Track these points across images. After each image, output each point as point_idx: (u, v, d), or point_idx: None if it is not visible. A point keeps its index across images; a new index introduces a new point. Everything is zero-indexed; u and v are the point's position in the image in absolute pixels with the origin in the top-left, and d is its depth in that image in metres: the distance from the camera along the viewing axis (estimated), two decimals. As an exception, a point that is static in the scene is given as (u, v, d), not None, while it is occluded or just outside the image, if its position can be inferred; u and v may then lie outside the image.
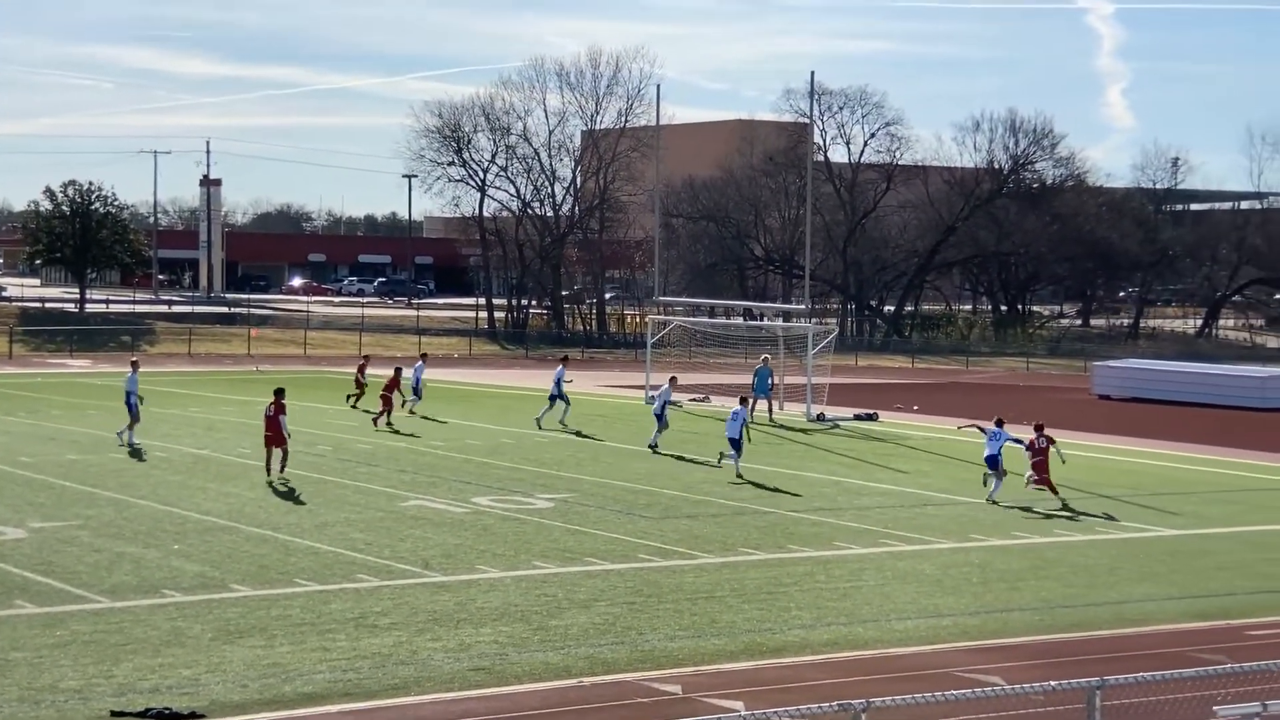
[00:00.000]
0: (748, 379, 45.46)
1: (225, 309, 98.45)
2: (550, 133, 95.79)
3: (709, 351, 58.41)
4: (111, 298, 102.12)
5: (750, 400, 36.78)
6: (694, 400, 49.85)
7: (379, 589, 19.94)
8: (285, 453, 29.98)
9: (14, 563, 20.80)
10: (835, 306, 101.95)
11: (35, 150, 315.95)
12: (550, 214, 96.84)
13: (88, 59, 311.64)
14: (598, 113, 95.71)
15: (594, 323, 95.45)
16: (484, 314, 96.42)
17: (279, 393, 30.39)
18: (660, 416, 36.88)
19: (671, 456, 35.25)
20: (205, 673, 15.63)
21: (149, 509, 25.76)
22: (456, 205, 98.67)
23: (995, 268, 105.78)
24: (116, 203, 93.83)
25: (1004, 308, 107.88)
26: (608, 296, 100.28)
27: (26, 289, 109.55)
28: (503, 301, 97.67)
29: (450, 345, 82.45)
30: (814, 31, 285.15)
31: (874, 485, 31.70)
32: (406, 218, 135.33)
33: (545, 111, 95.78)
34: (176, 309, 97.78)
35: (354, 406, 43.78)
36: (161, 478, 29.66)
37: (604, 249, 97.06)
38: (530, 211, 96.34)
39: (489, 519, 25.73)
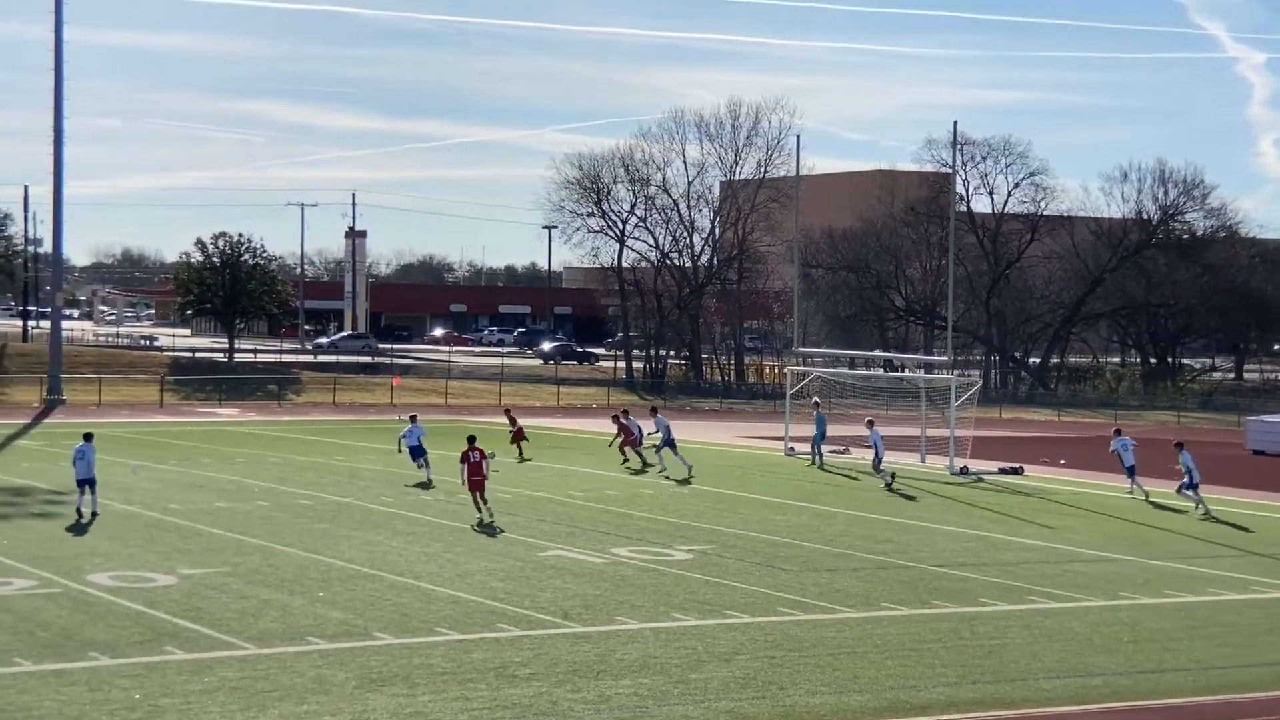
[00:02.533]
0: (889, 430, 45.10)
1: (369, 359, 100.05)
2: (689, 183, 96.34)
3: (849, 403, 57.83)
4: (259, 347, 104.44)
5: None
6: (834, 452, 49.39)
7: (519, 639, 19.95)
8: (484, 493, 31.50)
9: (164, 609, 21.19)
10: (979, 358, 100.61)
11: (187, 203, 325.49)
12: (689, 264, 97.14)
13: (239, 114, 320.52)
14: (737, 163, 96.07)
15: (732, 373, 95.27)
16: (622, 364, 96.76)
17: (473, 439, 32.27)
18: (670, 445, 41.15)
19: (811, 508, 34.93)
20: (348, 720, 15.74)
21: (294, 556, 26.12)
22: (595, 256, 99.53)
23: (1144, 320, 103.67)
24: (265, 254, 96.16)
25: (1153, 360, 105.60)
26: (746, 347, 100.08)
27: (178, 339, 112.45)
28: (641, 352, 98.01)
29: (588, 395, 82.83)
30: (955, 81, 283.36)
31: (1019, 540, 31.05)
32: (546, 268, 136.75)
33: (684, 162, 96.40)
34: (322, 358, 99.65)
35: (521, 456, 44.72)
36: (306, 525, 30.08)
37: (742, 299, 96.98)
38: (669, 262, 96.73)
39: (628, 570, 25.67)
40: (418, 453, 38.93)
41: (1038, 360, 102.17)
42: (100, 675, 17.29)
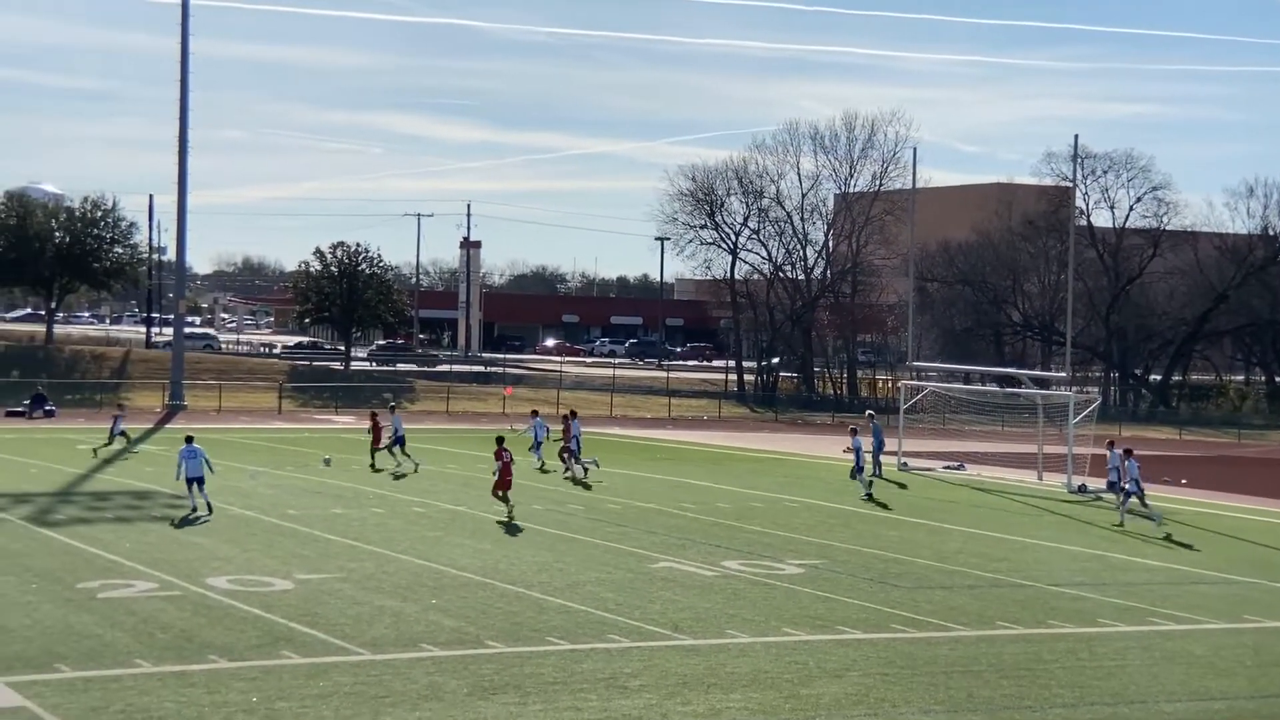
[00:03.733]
0: (1005, 447, 44.61)
1: (482, 368, 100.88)
2: (803, 196, 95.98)
3: (963, 419, 57.23)
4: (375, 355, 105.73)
5: None
6: (948, 468, 48.89)
7: (629, 650, 19.92)
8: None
9: (281, 613, 21.47)
10: (1098, 375, 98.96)
11: (306, 213, 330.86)
12: (801, 277, 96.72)
13: (357, 125, 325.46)
14: (851, 176, 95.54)
15: (844, 387, 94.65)
16: (733, 376, 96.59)
17: (501, 440, 34.32)
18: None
19: (925, 524, 34.57)
20: (460, 728, 15.81)
21: (408, 563, 26.35)
22: (708, 268, 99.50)
23: (1269, 337, 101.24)
24: (381, 264, 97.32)
25: (1278, 379, 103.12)
26: (860, 360, 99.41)
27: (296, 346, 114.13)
28: (752, 364, 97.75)
29: (699, 407, 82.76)
30: (1075, 94, 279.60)
31: (1140, 561, 30.45)
32: (658, 280, 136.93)
33: (799, 175, 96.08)
34: (436, 368, 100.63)
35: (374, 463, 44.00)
36: (420, 533, 30.34)
37: (856, 312, 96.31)
38: (781, 274, 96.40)
39: (739, 583, 25.55)
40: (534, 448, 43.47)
41: (1159, 378, 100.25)
42: (218, 677, 17.54)
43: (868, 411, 49.49)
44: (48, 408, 63.04)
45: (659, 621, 21.89)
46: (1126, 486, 36.03)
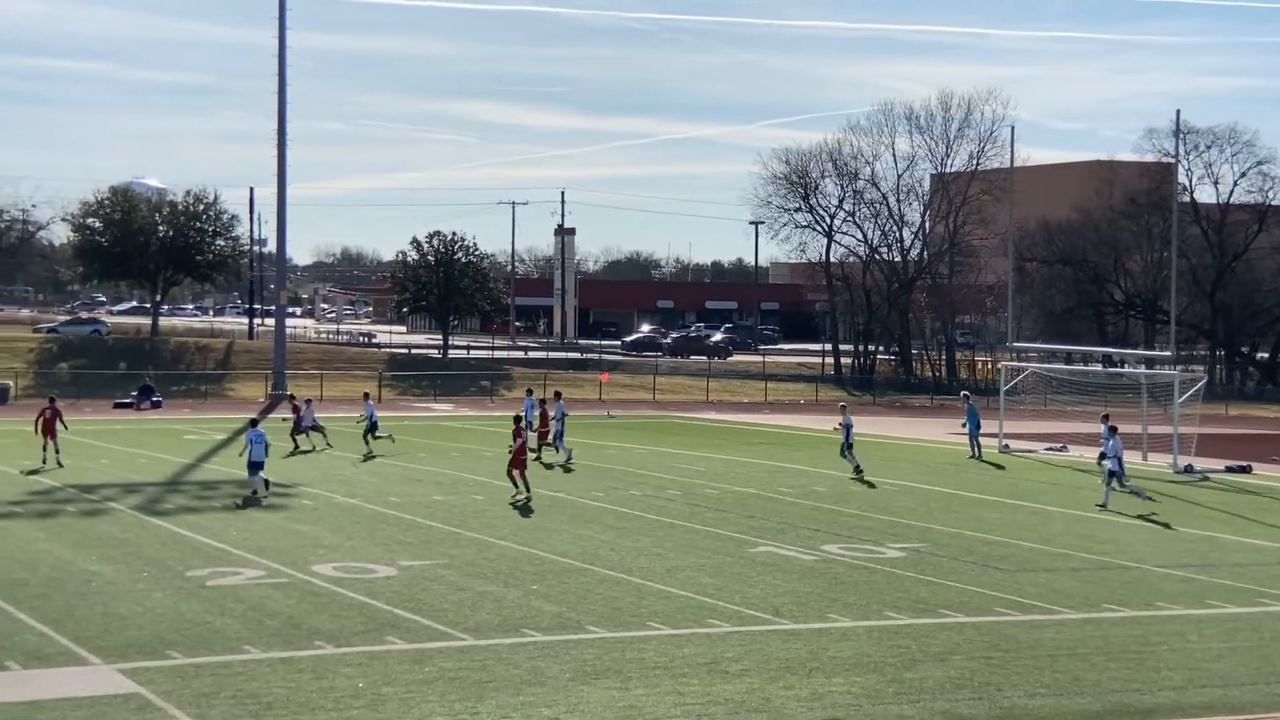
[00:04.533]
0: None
1: (578, 354, 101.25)
2: (899, 177, 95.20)
3: (1065, 399, 56.54)
4: (472, 344, 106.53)
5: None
6: (1050, 449, 48.34)
7: (730, 634, 19.92)
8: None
9: (385, 599, 21.71)
10: (1203, 353, 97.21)
11: (403, 203, 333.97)
12: (898, 259, 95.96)
13: (452, 115, 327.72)
14: (948, 156, 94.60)
15: (943, 369, 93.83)
16: (830, 360, 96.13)
17: (518, 420, 35.27)
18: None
19: (1027, 506, 34.21)
20: (564, 713, 15.89)
21: (509, 549, 26.53)
22: (803, 251, 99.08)
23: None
24: (477, 252, 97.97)
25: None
26: (958, 342, 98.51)
27: (394, 335, 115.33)
28: (849, 347, 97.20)
29: (796, 391, 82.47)
30: (1176, 68, 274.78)
31: (1249, 541, 29.90)
32: (753, 264, 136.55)
33: (894, 156, 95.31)
34: (532, 355, 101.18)
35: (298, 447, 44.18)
36: (519, 519, 30.54)
37: (954, 294, 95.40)
38: (878, 256, 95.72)
39: (839, 567, 25.44)
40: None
41: (1266, 355, 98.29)
42: (325, 663, 17.78)
43: (963, 393, 49.16)
44: (155, 399, 64.24)
45: (759, 606, 21.86)
46: (1107, 464, 34.92)
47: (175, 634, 19.17)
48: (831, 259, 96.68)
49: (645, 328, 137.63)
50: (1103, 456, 35.60)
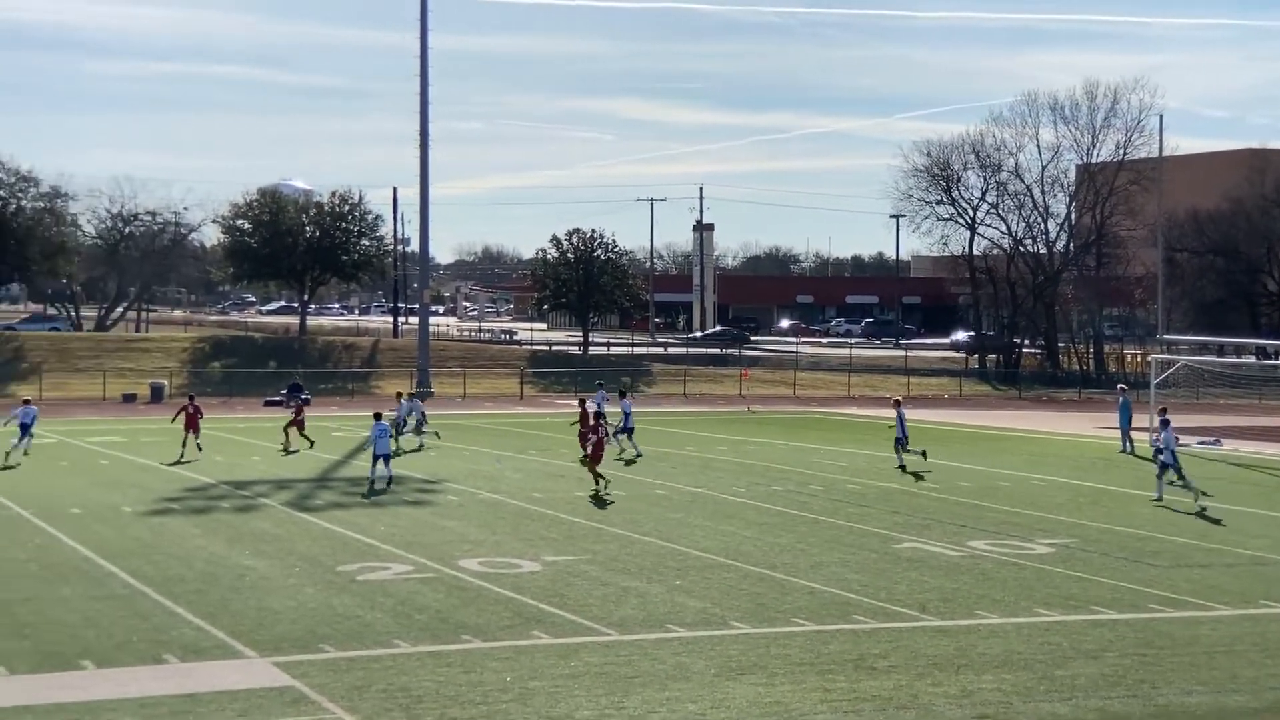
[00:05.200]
0: (1264, 420, 42.93)
1: (717, 350, 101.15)
2: (1043, 168, 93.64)
3: (1218, 392, 55.16)
4: (612, 340, 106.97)
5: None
6: (1204, 443, 47.20)
7: (876, 631, 19.74)
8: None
9: (530, 594, 21.88)
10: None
11: (542, 201, 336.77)
12: (1043, 251, 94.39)
13: (590, 112, 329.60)
14: (1094, 146, 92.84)
15: (1091, 362, 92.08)
16: (974, 354, 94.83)
17: (584, 411, 35.99)
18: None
19: (1179, 501, 33.41)
20: (710, 708, 15.87)
21: (652, 545, 26.59)
22: (945, 244, 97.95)
23: None
24: (616, 249, 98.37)
25: None
26: (1106, 335, 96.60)
27: (535, 333, 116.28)
28: (992, 340, 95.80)
29: (939, 386, 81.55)
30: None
31: None
32: (893, 258, 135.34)
33: (1038, 146, 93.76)
34: (671, 351, 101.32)
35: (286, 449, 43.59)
36: (662, 515, 30.58)
37: (1101, 285, 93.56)
38: (1022, 249, 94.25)
39: (986, 563, 25.08)
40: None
41: None
42: (473, 657, 17.97)
43: (1119, 385, 48.16)
44: (303, 396, 65.49)
45: (905, 602, 21.64)
46: (1162, 458, 33.86)
47: (327, 628, 19.52)
48: (975, 251, 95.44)
49: (785, 323, 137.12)
50: (1158, 451, 34.57)
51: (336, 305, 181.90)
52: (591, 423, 36.02)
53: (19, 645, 18.40)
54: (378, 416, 36.11)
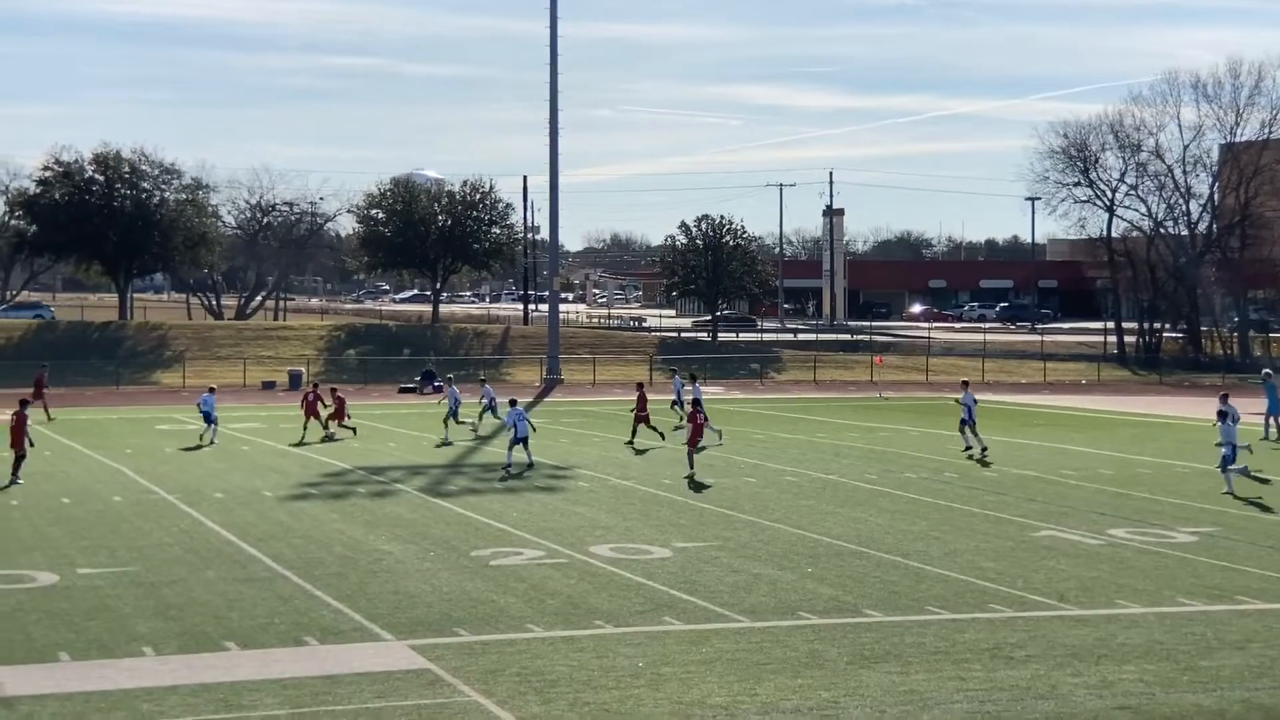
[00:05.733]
0: None
1: (848, 336, 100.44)
2: (1185, 148, 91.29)
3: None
4: (740, 326, 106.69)
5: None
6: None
7: (1013, 620, 19.44)
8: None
9: (661, 580, 21.90)
10: None
11: (670, 187, 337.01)
12: (1184, 232, 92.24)
13: (718, 98, 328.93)
14: (1238, 125, 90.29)
15: (1234, 346, 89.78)
16: (1113, 339, 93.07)
17: (698, 402, 36.86)
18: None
19: (1329, 490, 32.46)
20: (844, 695, 15.75)
21: (782, 532, 26.46)
22: (1082, 227, 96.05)
23: None
24: (745, 235, 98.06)
25: None
26: (1251, 318, 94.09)
27: (664, 320, 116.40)
28: (1133, 325, 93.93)
29: (1077, 371, 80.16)
30: None
31: None
32: (1029, 241, 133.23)
33: (1179, 126, 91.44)
34: (801, 337, 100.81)
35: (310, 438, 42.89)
36: (792, 502, 30.42)
37: (1246, 268, 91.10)
38: (1163, 231, 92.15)
39: (1127, 551, 24.57)
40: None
41: None
42: (605, 642, 18.03)
43: (1264, 371, 46.75)
44: (437, 384, 66.27)
45: (1043, 591, 21.28)
46: (1224, 451, 32.19)
47: (461, 612, 19.71)
48: (1113, 234, 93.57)
49: (916, 308, 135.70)
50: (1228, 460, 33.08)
51: (468, 293, 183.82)
52: (690, 410, 36.69)
53: (166, 626, 18.85)
54: (513, 403, 36.76)
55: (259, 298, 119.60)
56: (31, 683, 16.10)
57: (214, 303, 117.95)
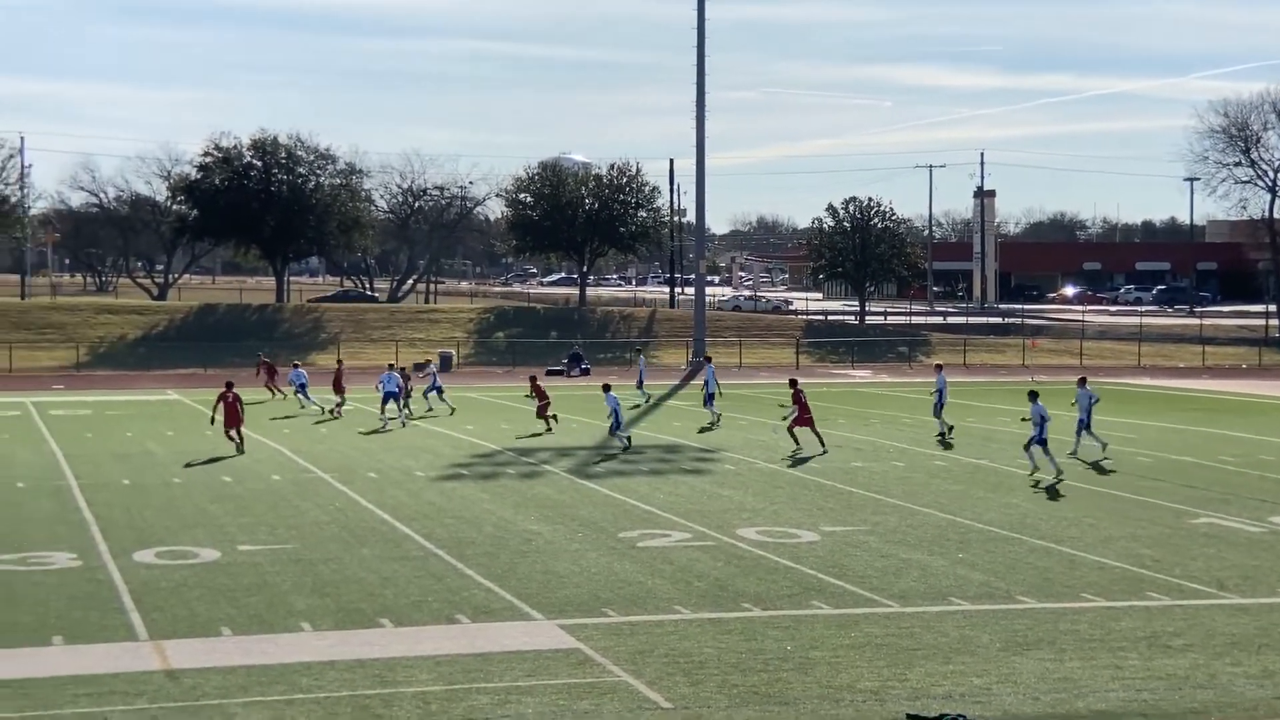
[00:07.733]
0: None
1: (999, 319, 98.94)
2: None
3: None
4: (889, 309, 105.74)
5: None
6: None
7: (1171, 608, 19.03)
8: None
9: (809, 564, 21.82)
10: None
11: (817, 169, 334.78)
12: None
13: (866, 79, 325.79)
14: None
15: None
16: (1275, 322, 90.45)
17: (795, 382, 37.87)
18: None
19: None
20: (996, 682, 15.56)
21: (932, 517, 26.20)
22: (1243, 208, 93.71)
23: None
24: (894, 217, 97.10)
25: None
26: None
27: (810, 303, 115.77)
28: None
29: (1237, 356, 78.06)
30: None
31: None
32: (1187, 223, 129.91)
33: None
34: (951, 320, 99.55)
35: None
36: (942, 487, 30.09)
37: None
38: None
39: (1290, 541, 23.91)
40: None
41: None
42: (753, 626, 18.02)
43: None
44: (584, 366, 66.77)
45: (1202, 579, 20.80)
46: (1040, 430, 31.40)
47: (610, 593, 19.85)
48: (1275, 215, 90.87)
49: (1069, 290, 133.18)
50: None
51: (614, 276, 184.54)
52: (792, 392, 37.20)
53: (322, 603, 19.27)
54: (606, 388, 37.58)
55: (410, 281, 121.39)
56: (195, 656, 16.58)
57: (367, 286, 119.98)
